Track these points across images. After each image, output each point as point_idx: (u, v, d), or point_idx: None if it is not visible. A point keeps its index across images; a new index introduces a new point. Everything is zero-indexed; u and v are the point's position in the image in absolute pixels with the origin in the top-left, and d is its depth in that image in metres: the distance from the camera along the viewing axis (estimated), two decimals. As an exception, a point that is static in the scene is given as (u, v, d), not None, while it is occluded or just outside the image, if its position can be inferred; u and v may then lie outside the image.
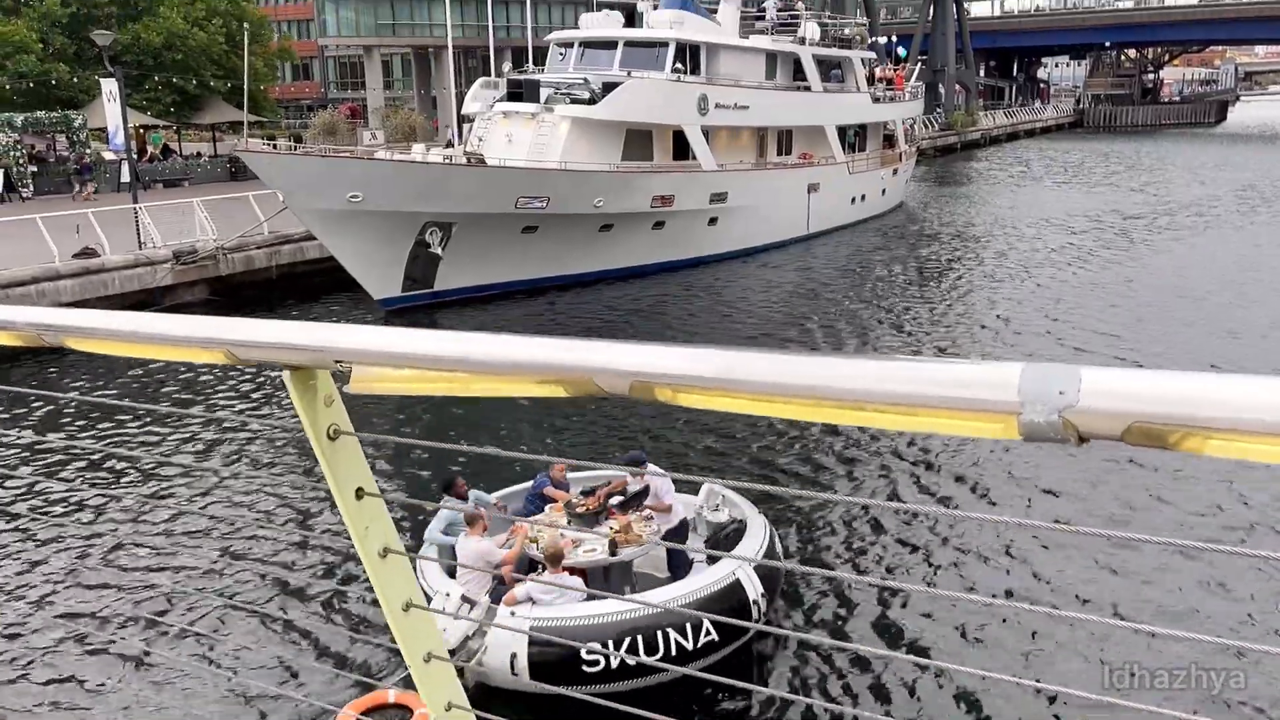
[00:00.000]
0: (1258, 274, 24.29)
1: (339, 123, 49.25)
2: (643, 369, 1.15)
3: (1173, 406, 0.93)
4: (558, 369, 1.21)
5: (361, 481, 1.67)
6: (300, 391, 1.56)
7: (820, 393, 1.05)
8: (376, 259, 22.30)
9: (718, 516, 9.47)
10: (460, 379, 1.29)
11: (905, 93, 42.42)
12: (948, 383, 1.01)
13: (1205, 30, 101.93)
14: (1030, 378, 0.99)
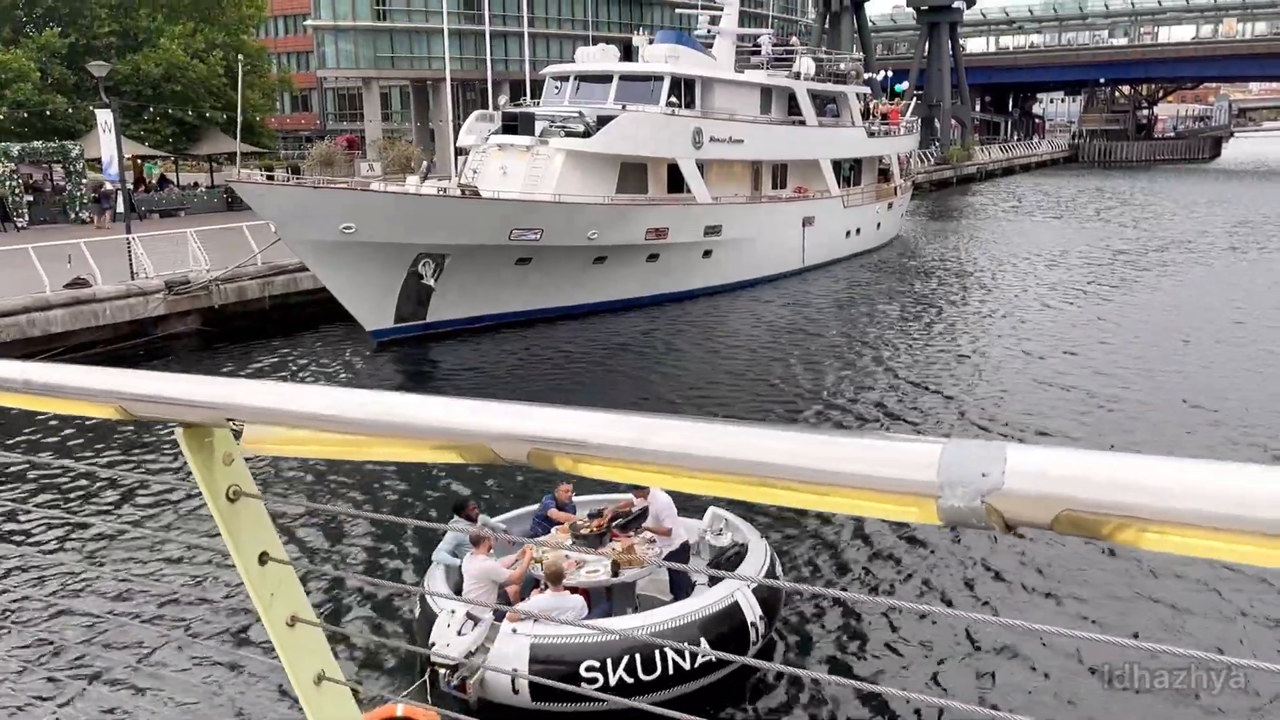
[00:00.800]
0: (1244, 315, 24.24)
1: (336, 154, 49.44)
2: (542, 435, 1.06)
3: (1106, 493, 0.84)
4: (454, 434, 1.12)
5: (266, 546, 1.57)
6: (195, 450, 1.46)
7: (728, 466, 0.96)
8: (369, 290, 22.24)
9: (720, 540, 9.60)
10: (355, 442, 1.20)
11: (900, 127, 42.65)
12: (862, 460, 0.91)
13: (1199, 67, 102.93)
14: (951, 457, 0.90)
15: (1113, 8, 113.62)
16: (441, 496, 12.64)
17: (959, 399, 17.26)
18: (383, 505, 12.53)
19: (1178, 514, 0.81)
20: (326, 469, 13.17)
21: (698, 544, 9.64)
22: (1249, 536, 0.79)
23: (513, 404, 1.11)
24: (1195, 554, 0.82)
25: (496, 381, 19.69)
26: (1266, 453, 14.06)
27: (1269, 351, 20.19)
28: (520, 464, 1.09)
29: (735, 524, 9.77)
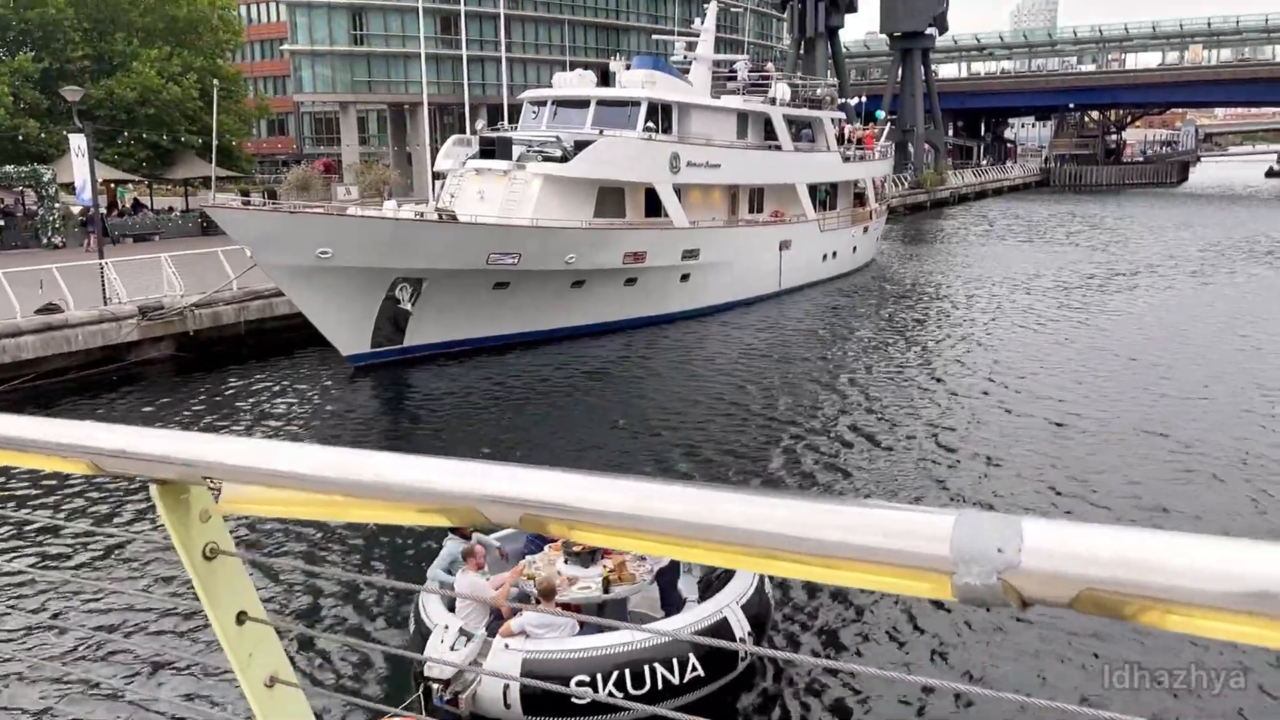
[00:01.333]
0: (1217, 340, 24.51)
1: (313, 178, 49.27)
2: (534, 500, 1.02)
3: (1130, 572, 0.81)
4: (442, 497, 1.08)
5: (244, 605, 1.51)
6: (170, 507, 1.41)
7: (730, 536, 0.92)
8: (345, 315, 22.11)
9: None
10: (338, 503, 1.15)
11: (875, 152, 43.06)
12: (873, 532, 0.88)
13: (1166, 93, 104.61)
14: (965, 531, 0.86)
15: (1081, 35, 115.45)
16: (431, 549, 12.24)
17: (934, 426, 17.31)
18: (370, 559, 12.14)
19: (1205, 596, 0.78)
20: (310, 524, 12.89)
21: (689, 563, 9.54)
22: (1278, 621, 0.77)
23: (504, 465, 1.08)
24: (1221, 637, 0.79)
25: (475, 408, 19.57)
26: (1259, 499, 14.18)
27: (1248, 379, 20.42)
28: (510, 526, 1.05)
29: None
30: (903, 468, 14.95)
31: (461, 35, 57.86)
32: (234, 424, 18.22)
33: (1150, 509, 12.72)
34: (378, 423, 18.94)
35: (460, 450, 16.28)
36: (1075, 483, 13.84)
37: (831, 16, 75.48)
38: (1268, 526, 12.29)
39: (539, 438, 17.19)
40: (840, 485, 14.32)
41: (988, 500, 13.24)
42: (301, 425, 18.32)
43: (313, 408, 19.69)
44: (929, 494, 13.65)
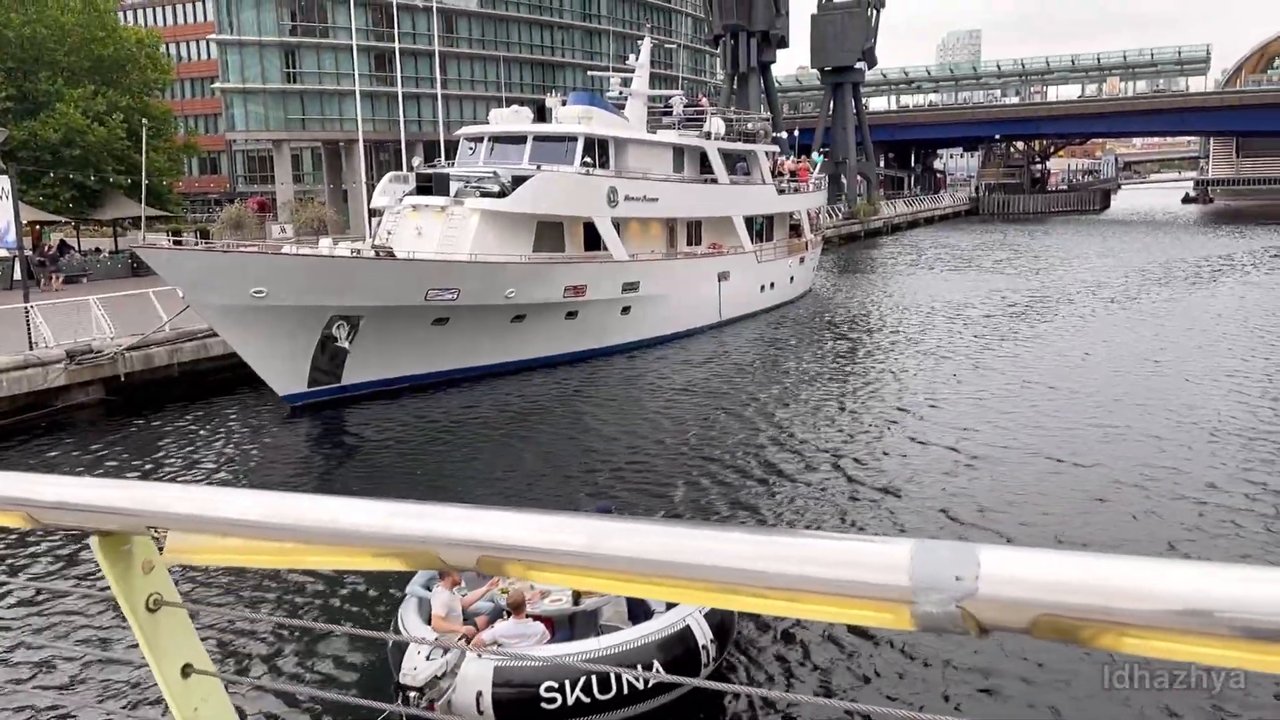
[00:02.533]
0: (1130, 368, 25.20)
1: (247, 216, 48.56)
2: (491, 541, 1.01)
3: (1086, 597, 0.82)
4: (398, 540, 1.06)
5: (190, 657, 1.46)
6: (111, 559, 1.36)
7: (687, 572, 0.93)
8: (281, 354, 21.75)
9: None
10: (290, 550, 1.13)
11: (809, 184, 43.80)
12: (831, 564, 0.89)
13: (1086, 124, 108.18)
14: (923, 560, 0.88)
15: (1005, 68, 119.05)
16: (389, 594, 11.88)
17: (866, 458, 17.54)
18: (324, 604, 11.76)
19: (1160, 617, 0.79)
20: (262, 570, 12.53)
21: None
22: (1233, 640, 0.78)
23: (460, 507, 1.06)
24: (1177, 658, 0.81)
25: (416, 446, 19.32)
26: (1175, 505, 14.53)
27: (1163, 406, 20.98)
28: (469, 570, 1.04)
29: None
30: (838, 499, 15.08)
31: (396, 72, 57.73)
32: (167, 469, 17.75)
33: (1083, 537, 12.93)
34: (316, 464, 18.59)
35: (402, 490, 16.05)
36: (997, 512, 14.00)
37: (763, 52, 76.86)
38: (1201, 551, 12.61)
39: (482, 475, 17.02)
40: (781, 516, 14.39)
41: (920, 529, 13.37)
42: (237, 468, 17.91)
43: (248, 450, 19.28)
44: (866, 527, 13.75)
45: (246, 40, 67.90)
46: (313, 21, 69.28)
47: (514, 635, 8.50)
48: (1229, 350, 25.67)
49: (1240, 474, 15.27)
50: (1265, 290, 38.76)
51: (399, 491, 15.91)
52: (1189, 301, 35.91)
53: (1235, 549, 12.32)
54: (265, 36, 68.01)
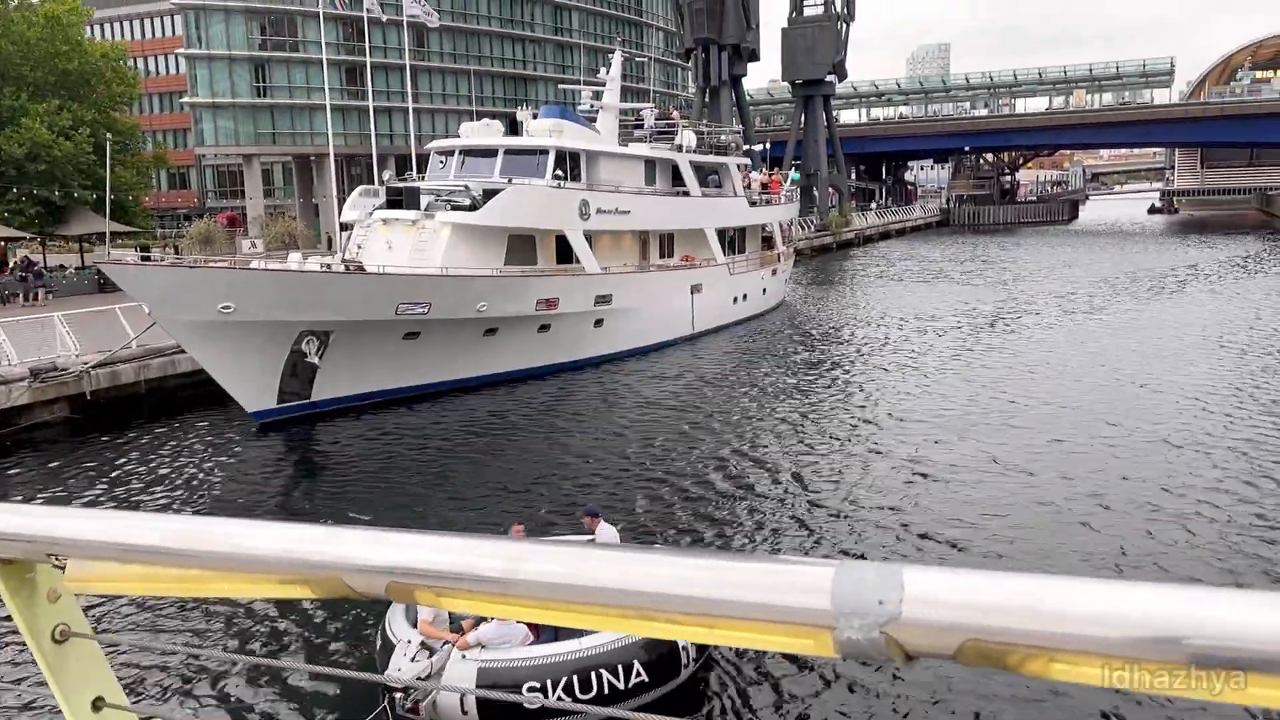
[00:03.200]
0: (1099, 382, 25.38)
1: (215, 232, 48.13)
2: (400, 566, 0.96)
3: (1013, 620, 0.77)
4: (302, 567, 1.00)
5: (101, 690, 1.39)
6: (13, 588, 1.29)
7: (606, 598, 0.88)
8: (250, 371, 21.52)
9: None
10: (194, 578, 1.07)
11: (781, 196, 43.99)
12: (750, 588, 0.84)
13: (1054, 135, 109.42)
14: (845, 583, 0.83)
15: (974, 81, 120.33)
16: (314, 621, 11.65)
17: (836, 466, 17.57)
18: (249, 631, 11.43)
19: (1089, 642, 0.76)
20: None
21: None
22: (1171, 666, 0.75)
23: (367, 530, 1.01)
24: (1110, 685, 0.77)
25: (387, 461, 19.14)
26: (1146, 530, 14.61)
27: (1126, 418, 21.15)
28: (378, 598, 0.98)
29: None
30: (797, 512, 15.06)
31: (367, 86, 57.51)
32: (130, 488, 17.49)
33: (1039, 552, 12.83)
34: (283, 482, 18.37)
35: (371, 509, 15.90)
36: (960, 526, 14.00)
37: (735, 65, 77.27)
38: (1153, 567, 12.68)
39: (452, 491, 16.89)
40: (740, 529, 14.35)
41: (880, 546, 13.29)
42: (202, 487, 17.67)
43: (215, 468, 19.02)
44: (823, 541, 13.65)
45: (216, 54, 67.47)
46: (283, 35, 68.97)
47: (497, 637, 8.70)
48: (1192, 362, 25.91)
49: (1197, 487, 15.33)
50: (1226, 300, 39.28)
51: (369, 510, 15.76)
52: (1155, 312, 36.32)
53: (1188, 564, 12.34)
54: (235, 50, 67.63)
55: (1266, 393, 21.93)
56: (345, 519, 15.26)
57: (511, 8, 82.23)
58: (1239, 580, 11.66)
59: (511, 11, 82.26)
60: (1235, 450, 17.32)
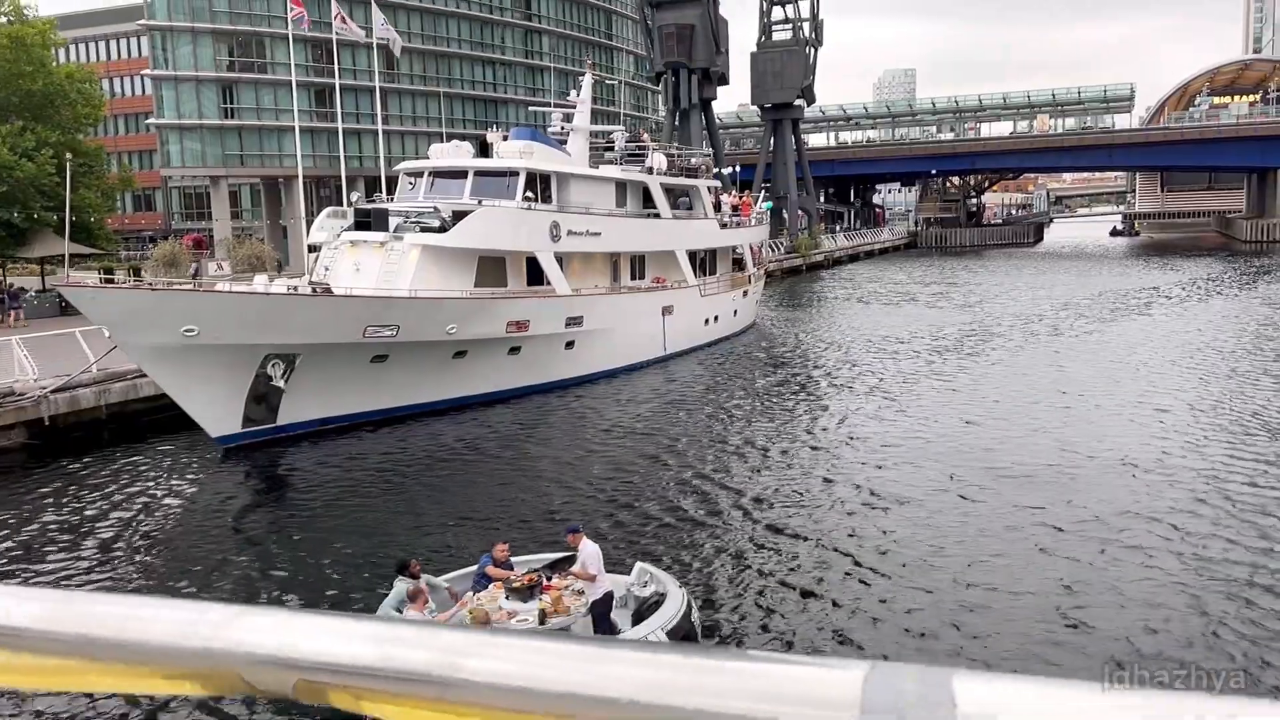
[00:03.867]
0: (1064, 400, 25.47)
1: (180, 254, 47.48)
2: (312, 660, 0.78)
3: None
4: (195, 658, 0.83)
5: None
6: None
7: (571, 706, 0.70)
8: (213, 395, 21.12)
9: (644, 591, 10.57)
10: (63, 669, 0.89)
11: (751, 218, 44.12)
12: (756, 696, 0.69)
13: (1018, 159, 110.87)
14: (878, 692, 0.67)
15: (939, 105, 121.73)
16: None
17: (808, 493, 17.47)
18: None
19: None
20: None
21: (624, 596, 10.57)
22: None
23: (273, 613, 0.84)
24: None
25: (353, 487, 18.79)
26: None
27: (1097, 446, 21.20)
28: (284, 698, 0.81)
29: (659, 576, 10.81)
30: (765, 540, 14.87)
31: (336, 108, 57.15)
32: (87, 516, 17.04)
33: (991, 583, 12.60)
34: (248, 508, 17.97)
35: (336, 534, 15.59)
36: (920, 553, 13.82)
37: (704, 89, 77.68)
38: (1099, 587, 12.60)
39: (421, 515, 16.59)
40: (701, 557, 14.15)
41: (842, 574, 13.03)
42: (163, 515, 17.25)
43: (176, 495, 18.59)
44: (784, 567, 13.41)
45: (183, 75, 66.88)
46: (251, 57, 68.51)
47: None
48: (1154, 385, 26.02)
49: (1158, 511, 15.21)
50: (1188, 321, 39.74)
51: (333, 536, 15.43)
52: (1119, 334, 36.64)
53: (1148, 591, 12.17)
54: (202, 72, 67.08)
55: (1228, 415, 22.11)
56: (300, 553, 14.95)
57: (482, 30, 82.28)
58: (1217, 621, 11.63)
59: (482, 34, 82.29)
60: (1198, 473, 17.40)
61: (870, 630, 11.20)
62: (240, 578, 13.79)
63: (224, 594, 13.16)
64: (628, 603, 10.54)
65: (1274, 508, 15.20)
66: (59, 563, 14.69)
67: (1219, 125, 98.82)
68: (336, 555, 14.54)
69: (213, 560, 14.57)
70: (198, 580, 13.74)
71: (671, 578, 10.78)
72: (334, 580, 13.49)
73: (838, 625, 11.28)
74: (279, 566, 14.14)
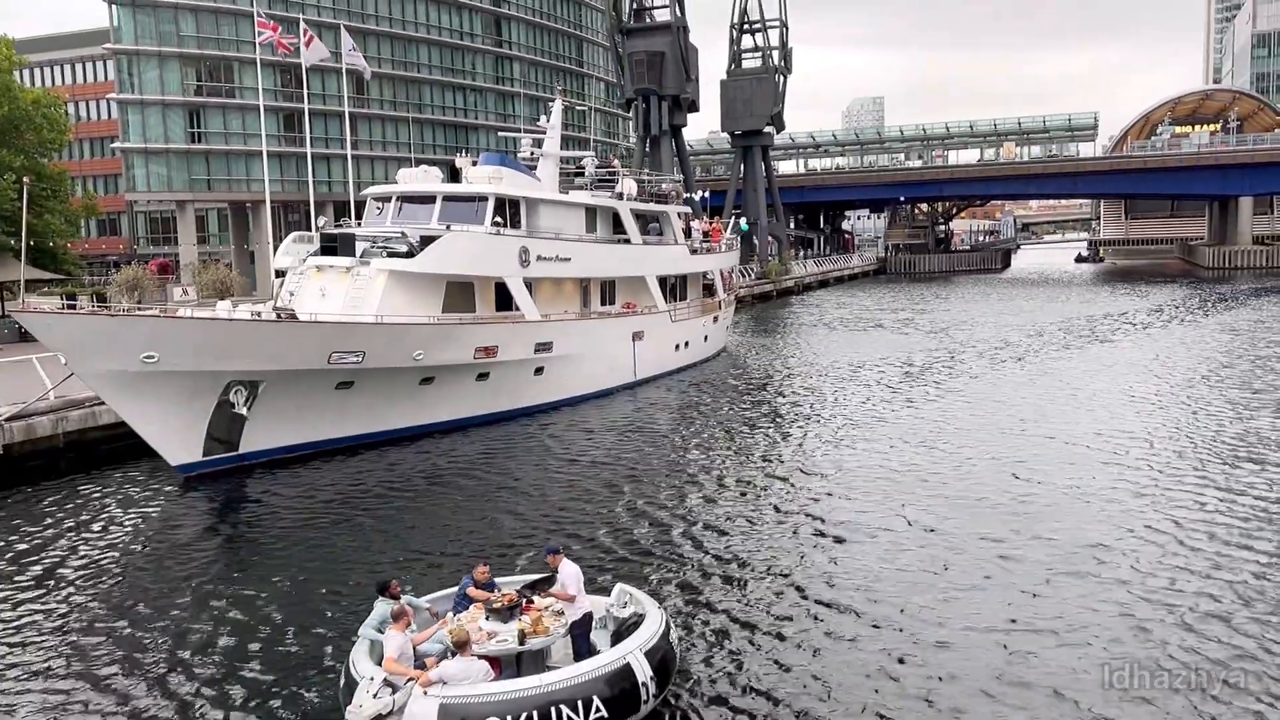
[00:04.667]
0: (1026, 428, 25.50)
1: (144, 279, 46.87)
2: None
3: None
4: None
5: None
6: None
7: None
8: (174, 422, 20.72)
9: (623, 612, 10.59)
10: None
11: (722, 244, 44.25)
12: None
13: (985, 186, 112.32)
14: None
15: (908, 133, 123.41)
16: (308, 666, 11.17)
17: (776, 523, 17.36)
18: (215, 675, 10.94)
19: None
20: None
21: (604, 616, 10.62)
22: None
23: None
24: None
25: (316, 517, 18.42)
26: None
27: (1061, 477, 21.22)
28: None
29: (638, 597, 10.83)
30: (731, 573, 14.77)
31: (305, 132, 56.88)
32: (39, 549, 16.57)
33: (942, 618, 12.32)
34: (209, 539, 17.55)
35: (298, 565, 15.24)
36: (877, 588, 13.74)
37: (675, 115, 78.16)
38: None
39: (385, 544, 16.27)
40: (667, 582, 14.00)
41: (797, 605, 12.86)
42: (119, 547, 16.80)
43: (135, 526, 18.14)
44: (742, 602, 13.30)
45: (149, 100, 66.41)
46: (219, 81, 68.18)
47: (459, 673, 8.85)
48: (1114, 414, 26.11)
49: (1111, 541, 15.18)
50: (1148, 349, 40.17)
51: (297, 567, 15.09)
52: (1084, 362, 36.92)
53: (1094, 628, 12.04)
54: (169, 96, 66.67)
55: (1187, 443, 22.26)
56: (265, 582, 14.61)
57: (453, 56, 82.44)
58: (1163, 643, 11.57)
59: (453, 60, 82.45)
60: (1153, 501, 17.45)
61: (832, 662, 11.08)
62: (199, 610, 13.42)
63: (182, 627, 12.79)
64: (607, 623, 10.61)
65: (1223, 533, 15.23)
66: (10, 594, 14.25)
67: (1180, 154, 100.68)
68: (298, 586, 14.22)
69: (171, 592, 14.19)
70: (155, 613, 13.36)
71: (651, 599, 10.81)
72: (295, 611, 13.16)
73: (813, 668, 11.01)
74: (240, 597, 13.79)
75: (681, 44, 76.57)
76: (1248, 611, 11.98)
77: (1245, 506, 16.64)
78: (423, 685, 8.66)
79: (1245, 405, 26.01)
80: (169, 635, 12.56)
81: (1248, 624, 11.60)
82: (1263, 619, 11.72)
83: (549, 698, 8.68)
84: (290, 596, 13.81)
